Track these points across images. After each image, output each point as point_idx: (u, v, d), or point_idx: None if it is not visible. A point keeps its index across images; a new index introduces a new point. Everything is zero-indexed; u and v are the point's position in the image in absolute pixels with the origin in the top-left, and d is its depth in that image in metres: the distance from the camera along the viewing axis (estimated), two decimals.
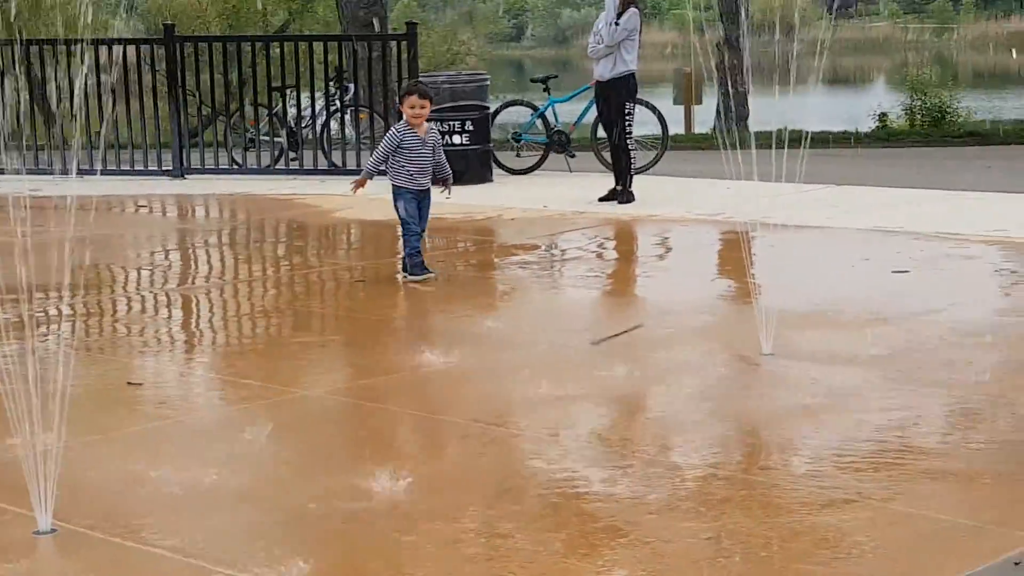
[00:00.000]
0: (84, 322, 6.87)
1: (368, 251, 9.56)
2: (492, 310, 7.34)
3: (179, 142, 13.84)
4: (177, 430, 4.94)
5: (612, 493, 4.13)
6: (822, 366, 5.64)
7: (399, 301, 7.58)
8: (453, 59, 25.95)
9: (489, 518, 3.93)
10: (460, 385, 5.47)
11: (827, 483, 4.17)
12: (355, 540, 3.81)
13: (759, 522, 3.85)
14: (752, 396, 5.36)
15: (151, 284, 8.20)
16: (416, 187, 7.89)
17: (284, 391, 5.43)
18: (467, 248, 9.39)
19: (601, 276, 8.32)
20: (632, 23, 10.90)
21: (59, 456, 3.88)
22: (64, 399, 3.96)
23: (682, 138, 18.06)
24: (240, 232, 10.63)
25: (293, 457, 4.55)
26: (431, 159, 7.92)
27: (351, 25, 17.03)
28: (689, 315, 6.73)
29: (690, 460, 4.44)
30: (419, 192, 7.91)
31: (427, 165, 7.91)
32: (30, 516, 3.87)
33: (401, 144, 7.85)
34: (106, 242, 9.40)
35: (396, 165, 7.92)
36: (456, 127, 12.70)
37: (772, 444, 4.62)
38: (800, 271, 7.49)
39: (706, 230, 9.77)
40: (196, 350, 6.47)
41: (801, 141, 6.50)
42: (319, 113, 14.41)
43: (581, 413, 5.06)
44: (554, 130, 13.54)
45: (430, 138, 7.95)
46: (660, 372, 5.64)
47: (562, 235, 9.63)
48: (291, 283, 8.21)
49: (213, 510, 4.05)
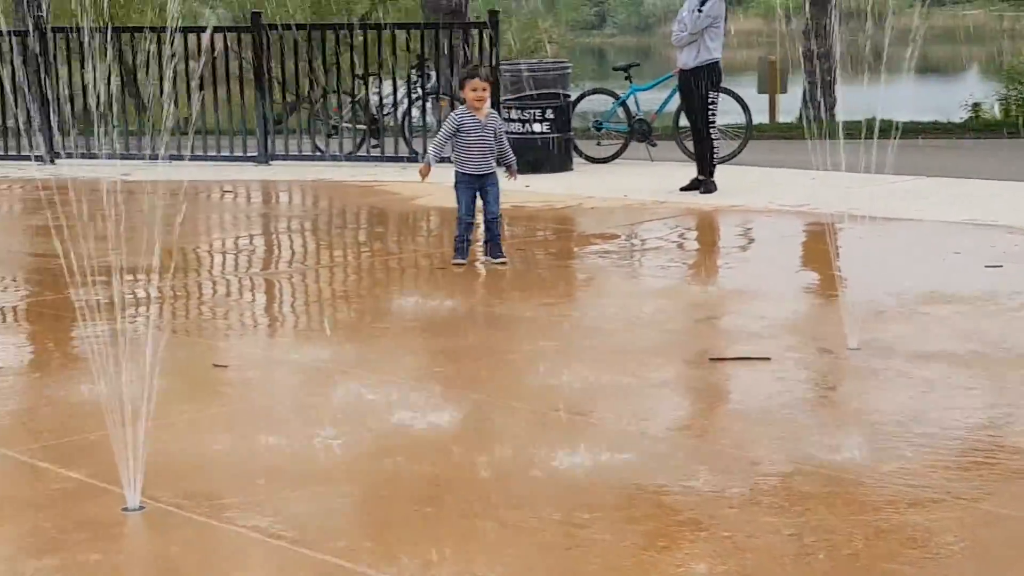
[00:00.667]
0: (172, 304, 6.97)
1: (447, 238, 9.57)
2: (571, 299, 7.33)
3: (264, 129, 13.98)
4: (261, 412, 4.99)
5: (692, 486, 4.09)
6: (910, 362, 5.54)
7: (479, 288, 7.59)
8: (535, 47, 25.92)
9: (567, 508, 3.92)
10: (538, 373, 5.46)
11: (915, 481, 4.10)
12: (433, 524, 3.82)
13: (843, 519, 3.80)
14: (838, 391, 5.30)
15: (236, 268, 8.30)
16: (474, 171, 7.92)
17: (365, 375, 5.46)
18: (546, 237, 9.38)
19: (682, 267, 8.26)
20: (716, 10, 10.79)
21: (147, 435, 3.94)
22: (152, 380, 4.02)
23: (766, 127, 17.87)
24: (322, 218, 10.71)
25: (375, 440, 4.58)
26: (490, 143, 7.95)
27: (433, 13, 17.06)
28: (772, 308, 6.66)
29: (772, 455, 4.40)
30: (478, 177, 7.93)
31: (486, 149, 7.93)
32: (120, 493, 3.94)
33: (460, 127, 7.91)
34: (193, 226, 9.52)
35: (456, 149, 7.99)
36: (537, 115, 12.69)
37: (857, 440, 4.55)
38: (888, 264, 7.37)
39: (790, 221, 9.66)
40: (279, 333, 6.53)
41: (890, 131, 6.40)
42: (401, 100, 14.47)
43: (660, 404, 5.03)
44: (635, 119, 13.47)
45: (490, 122, 7.98)
46: (742, 365, 5.59)
47: (642, 225, 9.58)
48: (371, 269, 8.26)
49: (295, 491, 4.08)
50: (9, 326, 6.71)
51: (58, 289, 6.91)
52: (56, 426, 4.76)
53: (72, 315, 6.09)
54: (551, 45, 27.94)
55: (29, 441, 4.58)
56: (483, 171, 7.96)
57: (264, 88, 14.03)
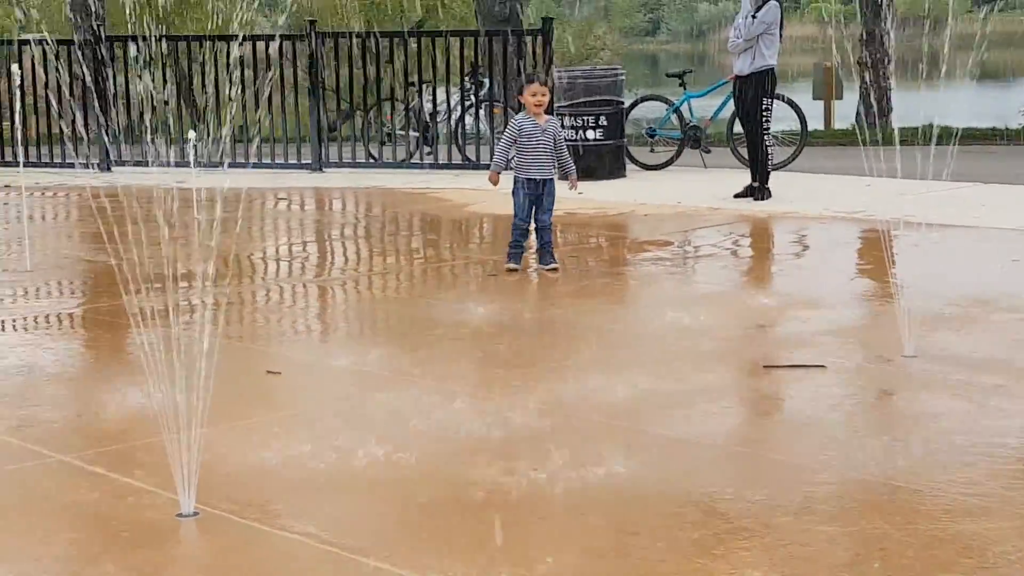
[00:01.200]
0: (226, 311, 7.02)
1: (500, 244, 9.58)
2: (624, 306, 7.30)
3: (318, 136, 14.07)
4: (314, 418, 5.01)
5: (745, 495, 4.06)
6: (966, 369, 5.48)
7: (530, 295, 7.59)
8: (588, 54, 25.92)
9: (619, 515, 3.90)
10: (589, 380, 5.44)
11: (971, 490, 4.04)
12: (482, 531, 3.81)
13: (899, 528, 3.75)
14: (894, 398, 5.24)
15: (289, 275, 8.35)
16: (533, 176, 7.93)
17: (417, 382, 5.47)
18: (599, 244, 9.36)
19: (735, 273, 8.22)
20: (771, 17, 10.74)
21: (201, 441, 3.96)
22: (207, 386, 4.04)
23: (821, 134, 17.74)
24: (375, 225, 10.76)
25: (426, 446, 4.58)
26: (550, 148, 7.95)
27: (487, 20, 17.10)
28: (827, 315, 6.60)
29: (827, 463, 4.35)
30: (536, 183, 7.94)
31: (545, 154, 7.94)
32: (174, 499, 3.97)
33: (521, 131, 7.94)
34: (247, 233, 9.60)
35: (516, 154, 8.04)
36: (590, 122, 12.67)
37: (913, 449, 4.50)
38: (945, 271, 7.29)
39: (845, 228, 9.58)
40: (332, 340, 6.56)
41: (947, 137, 6.33)
42: (454, 108, 14.52)
43: (714, 412, 4.99)
44: (689, 125, 13.43)
45: (550, 126, 7.99)
46: (796, 373, 5.54)
47: (696, 232, 9.53)
48: (424, 275, 8.28)
49: (347, 497, 4.10)
50: (66, 332, 6.79)
51: (114, 295, 6.99)
52: (111, 432, 4.81)
53: (127, 321, 6.15)
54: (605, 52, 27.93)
55: (84, 447, 4.63)
56: (543, 176, 7.96)
57: (318, 96, 14.12)
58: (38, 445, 4.65)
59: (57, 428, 4.93)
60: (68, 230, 10.60)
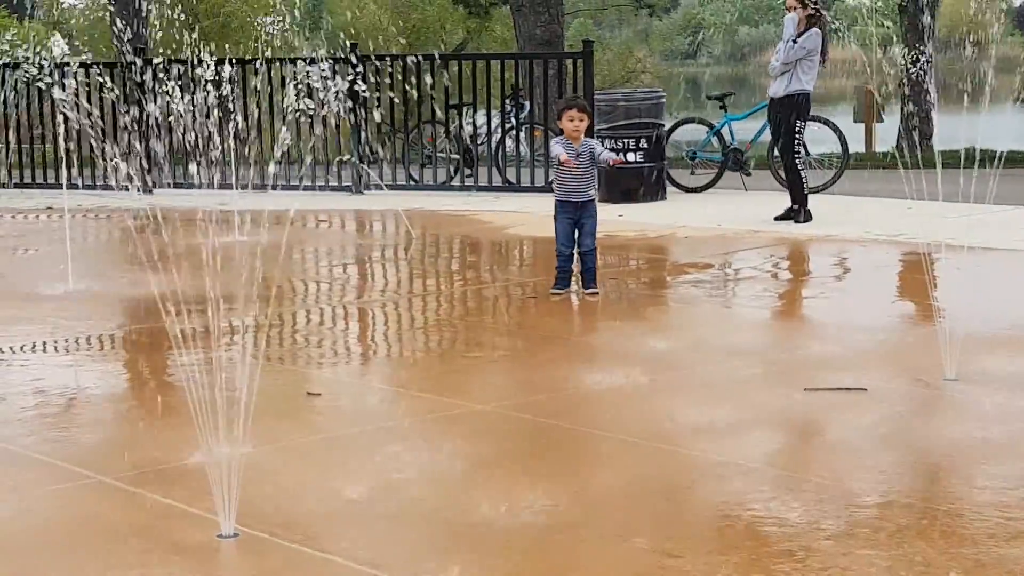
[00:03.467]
0: (266, 332, 7.06)
1: (540, 267, 9.59)
2: (663, 328, 7.28)
3: (359, 158, 14.14)
4: (354, 440, 5.03)
5: (785, 518, 4.04)
6: (1009, 392, 5.43)
7: (571, 318, 7.58)
8: (628, 76, 25.95)
9: (658, 538, 3.89)
10: (628, 403, 5.44)
11: (1015, 514, 4.00)
12: (523, 553, 3.81)
13: (941, 552, 3.72)
14: (935, 422, 5.20)
15: (330, 297, 8.39)
16: (572, 198, 7.91)
17: (456, 404, 5.48)
18: (639, 266, 9.35)
19: (775, 296, 8.18)
20: (811, 43, 10.73)
21: (242, 463, 3.98)
22: (247, 407, 4.07)
23: (863, 157, 17.67)
24: (415, 247, 10.79)
25: (464, 469, 4.59)
26: (588, 169, 7.91)
27: (528, 43, 17.16)
28: (868, 338, 6.56)
29: (868, 486, 4.32)
30: (576, 206, 7.91)
31: (583, 176, 7.90)
32: (214, 520, 3.99)
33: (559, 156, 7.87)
34: (288, 255, 9.65)
35: (555, 177, 8.00)
36: (631, 144, 12.68)
37: (955, 472, 4.46)
38: (987, 294, 7.23)
39: (886, 251, 9.53)
40: (372, 362, 6.58)
41: (989, 161, 6.29)
42: (495, 130, 14.56)
43: (754, 434, 4.97)
44: (730, 148, 13.41)
45: (584, 148, 7.94)
46: (837, 396, 5.51)
47: (736, 254, 9.51)
48: (464, 298, 8.29)
49: (387, 520, 4.10)
50: (106, 353, 6.85)
51: (155, 317, 7.04)
52: (152, 453, 4.83)
53: (168, 343, 6.20)
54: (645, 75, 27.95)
55: (126, 468, 4.66)
56: (582, 198, 7.93)
57: (359, 117, 14.20)
58: (79, 466, 4.69)
59: (98, 449, 4.97)
60: (110, 252, 10.70)
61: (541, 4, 19.01)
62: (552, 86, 14.09)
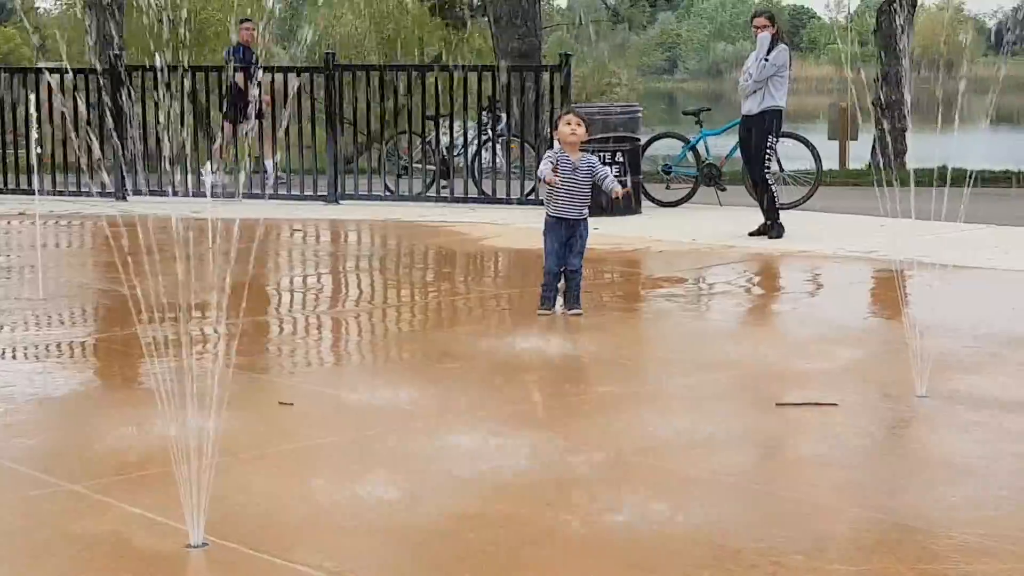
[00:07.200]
0: (238, 341, 7.02)
1: (515, 279, 9.59)
2: (637, 342, 7.29)
3: (334, 168, 14.13)
4: (326, 450, 5.01)
5: (756, 534, 4.04)
6: (978, 410, 5.46)
7: (545, 331, 7.57)
8: (604, 90, 26.00)
9: (633, 552, 3.88)
10: (603, 417, 5.43)
11: (983, 530, 4.01)
12: (501, 567, 3.80)
13: (911, 567, 3.73)
14: (905, 438, 5.22)
15: (303, 306, 8.36)
16: (563, 215, 7.62)
17: (429, 417, 5.46)
18: (614, 280, 9.36)
19: (749, 311, 8.20)
20: (781, 59, 10.83)
21: (211, 472, 3.96)
22: (217, 416, 4.04)
23: (836, 174, 17.76)
24: (390, 258, 10.78)
25: (440, 481, 4.57)
26: (583, 187, 7.60)
27: (505, 56, 17.19)
28: (839, 354, 6.58)
29: (839, 502, 4.33)
30: (568, 224, 7.64)
31: (577, 193, 7.60)
32: (183, 529, 3.96)
33: (557, 164, 7.54)
34: (262, 264, 9.62)
35: (547, 193, 7.82)
36: (607, 158, 12.68)
37: (925, 488, 4.48)
38: (958, 312, 7.27)
39: (858, 267, 9.57)
40: (345, 371, 6.56)
41: (961, 180, 6.33)
42: (471, 142, 14.57)
43: (726, 449, 4.98)
44: (705, 163, 13.46)
45: (582, 163, 7.63)
46: (808, 411, 5.52)
47: (710, 269, 9.53)
48: (438, 309, 8.28)
49: (359, 531, 4.09)
50: (77, 360, 6.80)
51: (126, 324, 7.00)
52: (121, 461, 4.80)
53: (140, 351, 6.16)
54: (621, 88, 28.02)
55: (94, 476, 4.62)
56: (573, 216, 7.62)
57: (335, 128, 14.19)
58: (47, 474, 4.66)
59: (67, 457, 4.93)
60: (82, 258, 10.64)
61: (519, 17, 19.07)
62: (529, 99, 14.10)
